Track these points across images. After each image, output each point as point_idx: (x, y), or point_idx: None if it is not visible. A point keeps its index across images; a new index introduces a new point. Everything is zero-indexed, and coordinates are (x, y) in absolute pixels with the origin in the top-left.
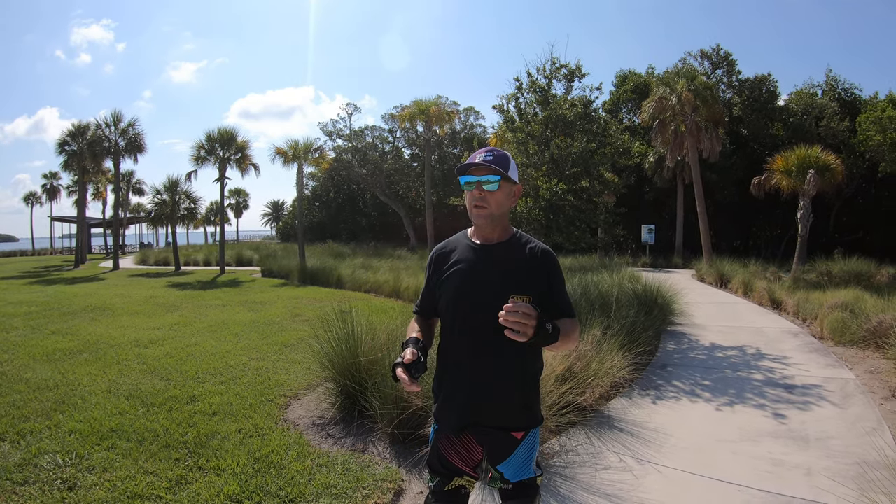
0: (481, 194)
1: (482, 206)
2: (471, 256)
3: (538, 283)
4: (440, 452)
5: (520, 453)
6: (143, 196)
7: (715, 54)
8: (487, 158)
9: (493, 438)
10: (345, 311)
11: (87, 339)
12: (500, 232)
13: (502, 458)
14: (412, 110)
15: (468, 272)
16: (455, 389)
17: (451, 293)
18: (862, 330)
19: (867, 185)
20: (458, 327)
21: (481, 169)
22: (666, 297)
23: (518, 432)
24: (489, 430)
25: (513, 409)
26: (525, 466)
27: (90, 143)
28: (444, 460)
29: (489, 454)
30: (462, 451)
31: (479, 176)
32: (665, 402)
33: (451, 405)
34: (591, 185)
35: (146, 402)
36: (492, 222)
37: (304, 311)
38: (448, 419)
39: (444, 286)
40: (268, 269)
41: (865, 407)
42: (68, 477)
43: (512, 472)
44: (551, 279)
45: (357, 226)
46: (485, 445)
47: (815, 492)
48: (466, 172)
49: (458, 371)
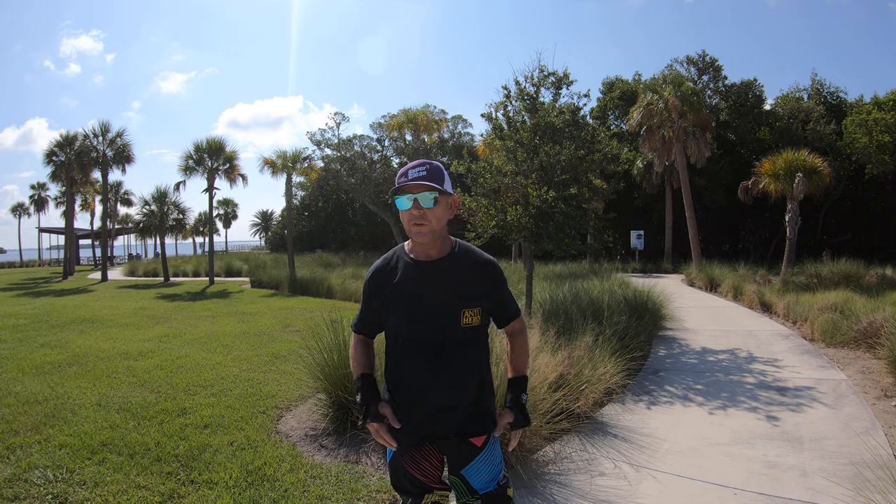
0: (420, 212)
1: (422, 224)
2: (414, 275)
3: (485, 294)
4: (405, 471)
5: (482, 460)
6: (131, 207)
7: (701, 60)
8: (421, 174)
9: (453, 445)
10: (335, 322)
11: (76, 351)
12: (440, 246)
13: (464, 463)
14: (400, 119)
15: (414, 293)
16: (411, 407)
17: (401, 316)
18: (852, 331)
19: (854, 187)
20: (410, 348)
21: (415, 187)
22: (657, 303)
23: (478, 438)
24: (449, 438)
25: (471, 416)
26: (492, 475)
27: (78, 154)
28: (411, 477)
29: (450, 462)
30: (424, 462)
31: (416, 193)
32: (658, 407)
33: (408, 423)
34: (581, 191)
35: (137, 416)
36: (433, 238)
37: (295, 321)
38: (406, 437)
39: (391, 308)
40: (257, 279)
41: (858, 407)
42: (59, 492)
43: (478, 482)
44: (497, 288)
45: (346, 235)
46: (446, 453)
47: (811, 493)
48: (401, 192)
49: (413, 388)
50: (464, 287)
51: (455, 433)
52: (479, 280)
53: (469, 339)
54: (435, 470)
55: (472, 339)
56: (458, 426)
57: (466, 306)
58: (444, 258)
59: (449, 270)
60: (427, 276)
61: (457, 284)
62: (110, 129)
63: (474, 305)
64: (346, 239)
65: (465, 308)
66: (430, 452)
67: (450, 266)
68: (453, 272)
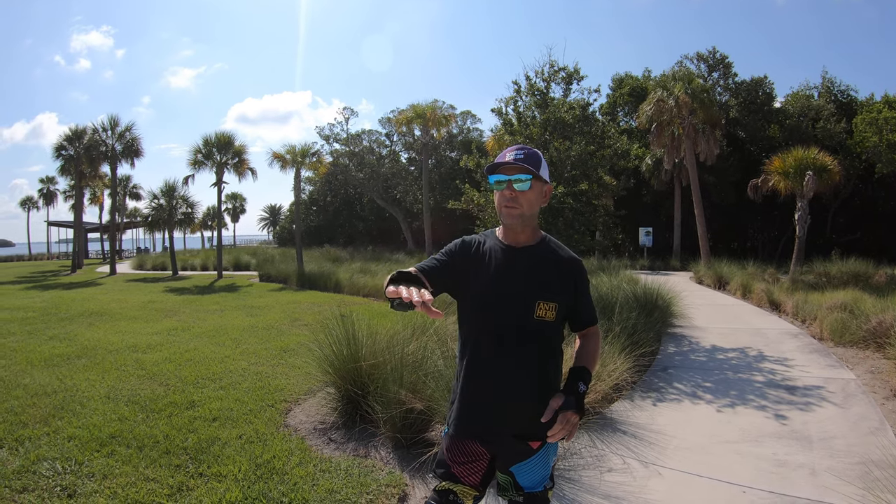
0: (512, 194)
1: (513, 207)
2: (499, 257)
3: (564, 290)
4: (444, 458)
5: (535, 462)
6: (139, 201)
7: (711, 57)
8: (518, 157)
9: (509, 444)
10: (345, 316)
11: (84, 344)
12: (530, 234)
13: (514, 461)
14: (409, 114)
15: (495, 274)
16: (475, 393)
17: (476, 292)
18: (861, 330)
19: (864, 186)
20: (482, 329)
21: (512, 168)
22: (666, 300)
23: (535, 442)
24: (506, 436)
25: (532, 417)
26: (541, 477)
27: (87, 148)
28: (445, 464)
29: (501, 458)
30: (467, 458)
31: (510, 175)
32: (667, 404)
33: (470, 408)
34: (591, 187)
35: (145, 408)
36: (522, 223)
37: (303, 315)
38: (461, 424)
39: (467, 280)
40: (265, 273)
41: (867, 407)
42: (68, 484)
43: (527, 481)
44: (577, 288)
45: (354, 230)
46: (497, 451)
47: (821, 491)
48: (496, 171)
49: (480, 374)
50: (544, 279)
51: (513, 433)
52: (561, 276)
53: (539, 332)
54: (474, 468)
55: (542, 333)
56: (517, 423)
57: (542, 298)
58: (531, 246)
59: (533, 259)
60: (511, 259)
61: (538, 275)
62: (119, 124)
63: (550, 299)
64: (354, 234)
65: (540, 300)
66: (478, 451)
67: (535, 256)
68: (537, 262)
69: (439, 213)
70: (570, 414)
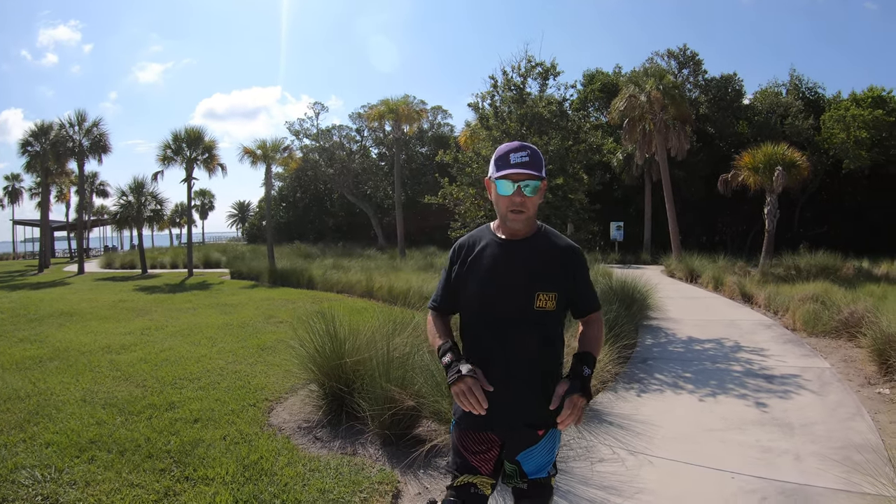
0: (521, 200)
1: (520, 212)
2: (496, 251)
3: (563, 279)
4: (458, 450)
5: (540, 448)
6: (107, 198)
7: (682, 54)
8: (524, 159)
9: (515, 433)
10: (326, 312)
11: (56, 346)
12: (528, 227)
13: (521, 449)
14: (381, 109)
15: (492, 267)
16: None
17: (476, 287)
18: (833, 321)
19: (831, 181)
20: (483, 323)
21: (521, 174)
22: (642, 293)
23: (541, 429)
24: (512, 425)
25: (536, 405)
26: (545, 463)
27: (54, 144)
28: (462, 457)
29: (508, 447)
30: (481, 446)
31: (519, 181)
32: (649, 394)
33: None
34: (567, 182)
35: (124, 411)
36: (526, 224)
37: (278, 312)
38: (470, 416)
39: (468, 281)
40: (237, 270)
41: (843, 394)
42: (49, 493)
43: (531, 467)
44: (577, 275)
45: (324, 226)
46: (505, 439)
47: (806, 476)
48: (504, 176)
49: (484, 366)
50: (542, 269)
51: (519, 421)
52: (559, 265)
53: (540, 322)
54: (487, 456)
55: (543, 323)
56: (522, 413)
57: (542, 289)
58: (528, 238)
59: (531, 251)
60: (509, 253)
61: (536, 266)
62: (87, 119)
63: (550, 289)
64: (324, 230)
65: (540, 291)
66: (489, 439)
67: (533, 247)
68: (535, 253)
69: (411, 208)
70: (576, 398)
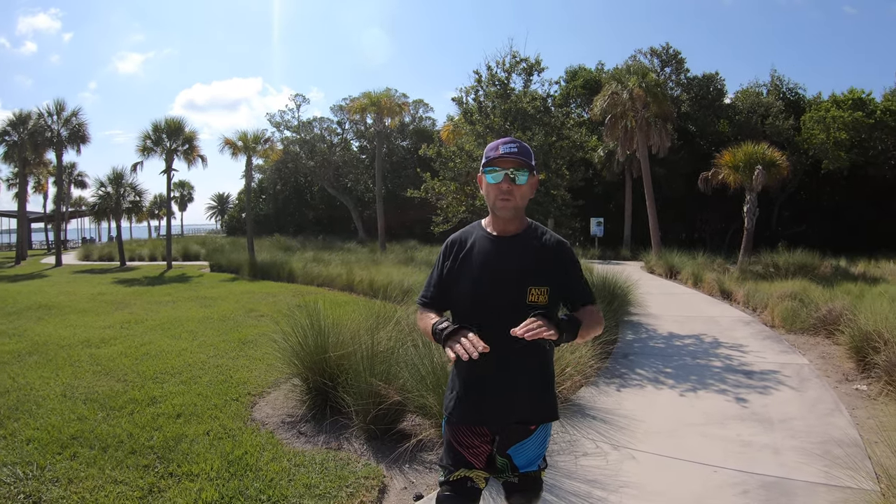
0: (509, 187)
1: (509, 199)
2: (487, 247)
3: (555, 273)
4: (452, 446)
5: (531, 443)
6: (85, 189)
7: (665, 52)
8: (513, 150)
9: (507, 427)
10: (302, 306)
11: (35, 339)
12: (518, 223)
13: (512, 443)
14: (363, 102)
15: (484, 263)
16: (471, 383)
17: (468, 284)
18: (812, 318)
19: (810, 180)
20: (475, 318)
21: (509, 162)
22: (623, 288)
23: (533, 424)
24: (505, 420)
25: (529, 402)
26: (535, 457)
27: (32, 133)
28: (456, 453)
29: (500, 441)
30: (474, 441)
31: (506, 169)
32: (631, 389)
33: (467, 398)
34: (549, 177)
35: (105, 406)
36: (515, 213)
37: (259, 306)
38: (462, 412)
39: (459, 276)
40: (216, 263)
41: (822, 390)
42: (31, 491)
43: (522, 461)
44: (567, 269)
45: (304, 219)
46: (497, 434)
47: (787, 469)
48: (494, 166)
49: (477, 361)
50: (534, 264)
51: (511, 418)
52: (550, 259)
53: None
54: (480, 450)
55: None
56: (514, 410)
57: (534, 284)
58: (519, 234)
59: (522, 247)
60: (500, 249)
61: (527, 261)
62: (65, 108)
63: (542, 284)
64: (304, 222)
65: (531, 285)
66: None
67: (523, 242)
68: (526, 249)
69: (391, 201)
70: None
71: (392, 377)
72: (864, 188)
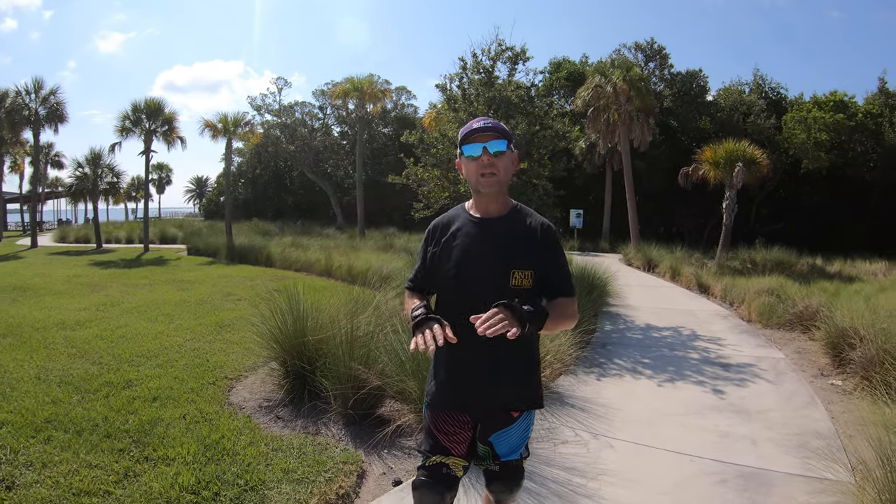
0: (490, 160)
1: (492, 173)
2: (471, 230)
3: (539, 256)
4: (430, 431)
5: (514, 430)
6: (62, 170)
7: (649, 47)
8: (487, 125)
9: (489, 414)
10: (288, 289)
11: (9, 321)
12: (502, 204)
13: (494, 430)
14: (345, 87)
15: (467, 246)
16: (453, 367)
17: (451, 267)
18: (788, 314)
19: (789, 179)
20: (459, 301)
21: (486, 135)
22: (602, 280)
23: (516, 411)
24: (488, 406)
25: (513, 387)
26: (517, 445)
27: (9, 112)
28: (434, 438)
29: (482, 428)
30: (454, 427)
31: (486, 142)
32: (609, 378)
33: (449, 383)
34: (531, 167)
35: (80, 389)
36: (499, 190)
37: (236, 290)
38: (444, 396)
39: (442, 259)
40: (194, 246)
41: (798, 384)
42: (5, 475)
43: (504, 449)
44: (550, 254)
45: (283, 204)
46: (479, 421)
47: (764, 460)
48: (470, 140)
49: (459, 346)
50: (517, 247)
51: (494, 403)
52: (535, 242)
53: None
54: (461, 437)
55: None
56: (497, 395)
57: (517, 266)
58: (503, 216)
59: (506, 228)
60: (484, 231)
61: (511, 243)
62: (44, 87)
63: (525, 267)
64: (283, 207)
65: (515, 268)
66: (463, 419)
67: (507, 224)
68: (510, 231)
69: (371, 188)
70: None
71: (371, 362)
72: (842, 189)
